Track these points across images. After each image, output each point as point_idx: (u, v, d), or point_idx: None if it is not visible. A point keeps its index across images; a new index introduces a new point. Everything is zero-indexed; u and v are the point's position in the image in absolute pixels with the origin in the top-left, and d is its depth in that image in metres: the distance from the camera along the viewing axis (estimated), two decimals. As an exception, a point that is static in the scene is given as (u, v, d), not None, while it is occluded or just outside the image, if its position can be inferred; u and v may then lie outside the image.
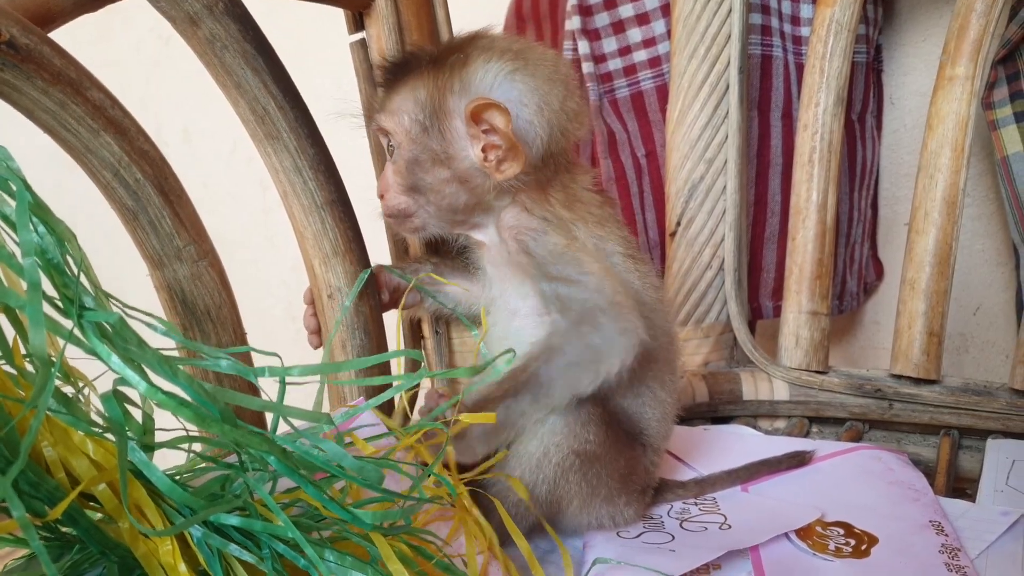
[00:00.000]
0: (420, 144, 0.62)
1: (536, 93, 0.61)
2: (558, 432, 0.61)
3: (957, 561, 0.61)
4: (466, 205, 0.64)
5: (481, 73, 0.61)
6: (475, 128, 0.61)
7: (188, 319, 0.52)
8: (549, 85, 0.62)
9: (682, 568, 0.59)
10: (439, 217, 0.64)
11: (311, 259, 0.62)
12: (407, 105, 0.62)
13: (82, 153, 0.48)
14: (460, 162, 0.62)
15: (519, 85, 0.61)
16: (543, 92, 0.62)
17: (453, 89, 0.61)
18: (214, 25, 0.54)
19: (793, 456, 0.77)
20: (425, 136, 0.62)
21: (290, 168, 0.59)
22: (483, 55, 0.62)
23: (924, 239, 0.88)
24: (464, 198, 0.63)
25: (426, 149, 0.62)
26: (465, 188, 0.62)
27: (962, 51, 0.88)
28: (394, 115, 0.63)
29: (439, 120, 0.61)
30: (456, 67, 0.61)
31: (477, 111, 0.60)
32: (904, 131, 1.16)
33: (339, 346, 0.63)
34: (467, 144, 0.62)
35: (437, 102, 0.61)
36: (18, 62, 0.44)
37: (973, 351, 1.16)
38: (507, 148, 0.60)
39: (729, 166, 0.95)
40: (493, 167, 0.61)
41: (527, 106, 0.61)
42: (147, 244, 0.51)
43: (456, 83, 0.61)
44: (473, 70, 0.61)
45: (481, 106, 0.60)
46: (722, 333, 0.97)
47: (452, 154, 0.62)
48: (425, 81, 0.62)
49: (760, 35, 1.03)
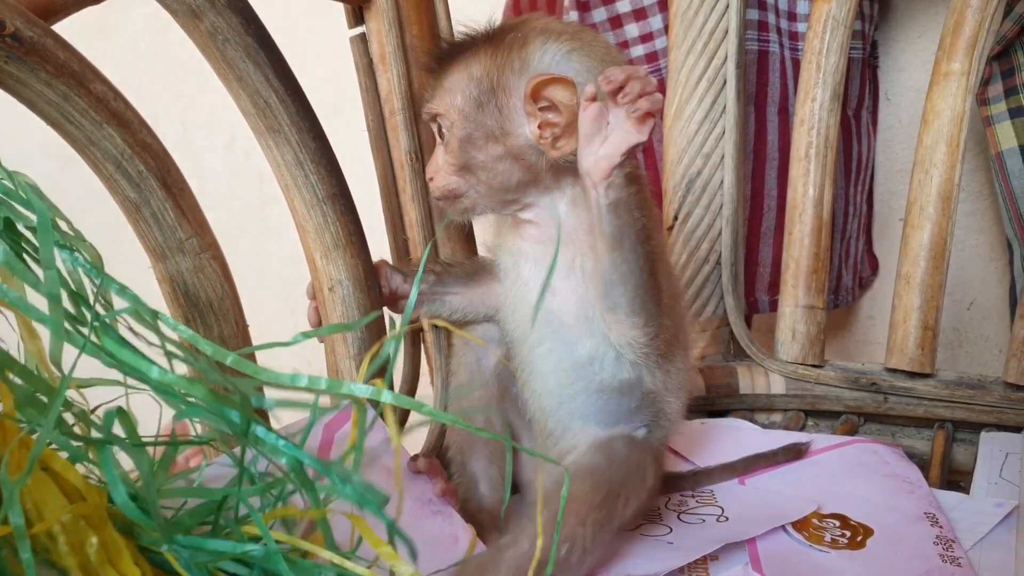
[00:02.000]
0: (474, 121, 0.63)
1: (592, 72, 0.62)
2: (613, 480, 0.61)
3: (952, 552, 0.62)
4: (519, 183, 0.64)
5: (540, 52, 0.62)
6: (532, 106, 0.61)
7: (191, 311, 0.53)
8: (601, 65, 0.63)
9: (681, 560, 0.60)
10: (489, 196, 0.65)
11: (312, 252, 0.62)
12: (460, 84, 0.63)
13: (85, 145, 0.49)
14: (515, 139, 0.63)
15: (575, 64, 0.62)
16: (597, 72, 0.62)
17: (512, 67, 0.62)
18: (216, 18, 0.54)
19: (789, 449, 0.77)
20: (480, 113, 0.63)
21: (292, 162, 0.59)
22: (541, 35, 0.63)
23: (919, 234, 0.89)
24: (517, 176, 0.63)
25: (480, 126, 0.63)
26: (519, 165, 0.63)
27: (957, 47, 0.88)
28: (447, 95, 0.64)
29: (496, 97, 0.62)
30: (515, 46, 0.62)
31: (539, 87, 0.61)
32: (899, 127, 1.17)
33: (340, 339, 0.64)
34: (523, 121, 0.62)
35: (495, 79, 0.62)
36: (22, 55, 0.45)
37: (967, 345, 1.17)
38: (566, 123, 0.61)
39: (726, 161, 0.95)
40: (549, 144, 0.62)
41: (583, 85, 0.61)
42: (149, 237, 0.52)
43: (516, 61, 0.62)
44: (532, 49, 0.62)
45: (544, 82, 0.60)
46: (719, 327, 0.97)
47: (508, 130, 0.63)
48: (481, 59, 0.63)
49: (757, 31, 1.04)
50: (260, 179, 1.55)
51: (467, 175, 0.64)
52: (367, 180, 0.74)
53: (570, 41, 0.63)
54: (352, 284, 0.63)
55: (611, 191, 0.58)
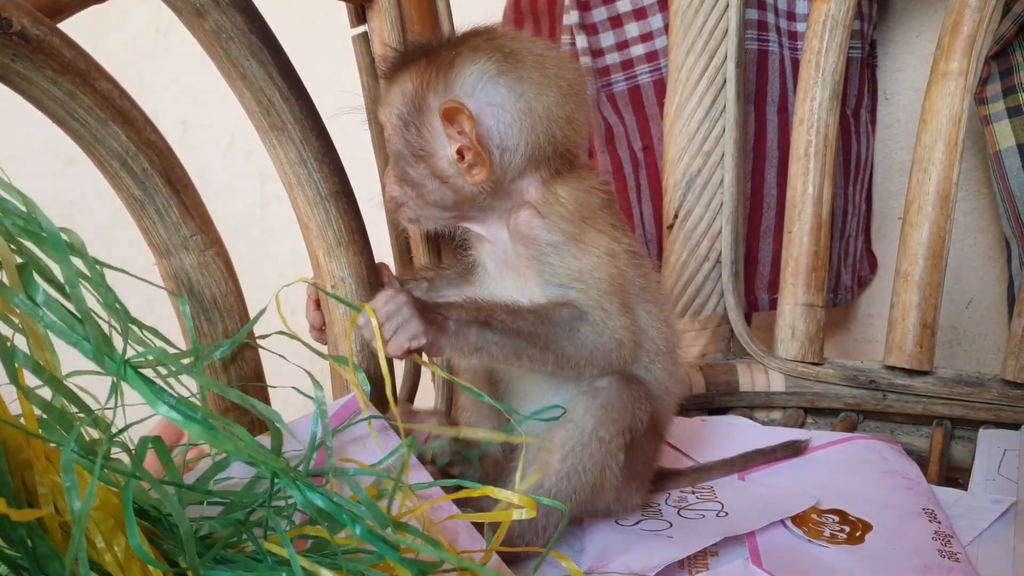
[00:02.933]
0: (403, 139, 0.62)
1: (521, 98, 0.60)
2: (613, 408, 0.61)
3: (950, 547, 0.62)
4: (454, 203, 0.63)
5: (466, 73, 0.60)
6: (451, 129, 0.60)
7: (195, 308, 0.53)
8: (537, 90, 0.60)
9: (680, 554, 0.60)
10: (427, 211, 0.64)
11: (315, 250, 0.63)
12: (395, 99, 0.62)
13: (90, 143, 0.49)
14: (438, 160, 0.61)
15: (502, 90, 0.60)
16: (528, 97, 0.60)
17: (436, 87, 0.60)
18: (220, 17, 0.54)
19: (788, 445, 0.78)
20: (406, 131, 0.61)
21: (295, 159, 0.59)
22: (472, 54, 0.60)
23: (918, 232, 0.89)
24: (449, 196, 0.62)
25: (408, 144, 0.62)
26: (447, 187, 0.61)
27: (956, 46, 0.89)
28: (385, 107, 0.63)
29: (419, 116, 0.61)
30: (443, 65, 0.60)
31: (448, 113, 0.59)
32: (898, 126, 1.17)
33: (342, 336, 0.64)
34: (445, 143, 0.61)
35: (420, 98, 0.60)
36: (29, 52, 0.45)
37: (965, 344, 1.17)
38: (476, 152, 0.59)
39: (726, 159, 0.96)
40: (466, 169, 0.60)
41: (507, 111, 0.59)
42: (154, 233, 0.52)
43: (440, 82, 0.60)
44: (458, 70, 0.60)
45: (451, 109, 0.59)
46: (719, 325, 0.98)
47: (430, 152, 0.61)
48: (413, 76, 0.61)
49: (756, 30, 1.04)
50: (261, 179, 1.55)
51: (406, 187, 0.64)
52: (368, 179, 0.75)
53: (501, 63, 0.60)
54: (355, 282, 0.63)
55: (462, 351, 0.57)
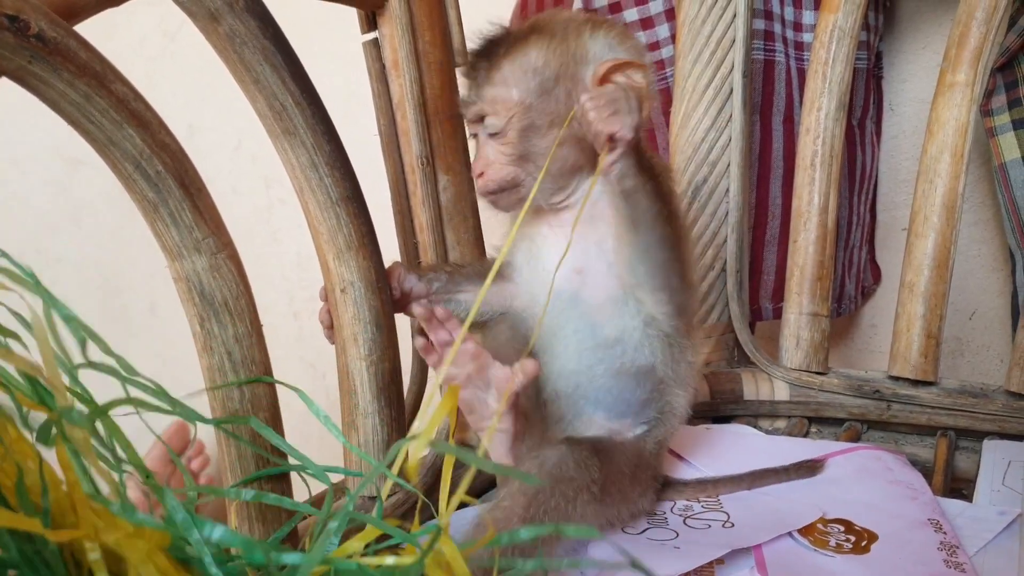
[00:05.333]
0: (538, 110, 0.65)
1: (640, 54, 0.67)
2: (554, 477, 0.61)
3: (955, 558, 0.62)
4: (572, 167, 0.67)
5: (592, 39, 0.66)
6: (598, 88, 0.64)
7: (206, 310, 0.53)
8: (638, 47, 0.68)
9: (687, 566, 0.60)
10: (546, 183, 0.65)
11: (325, 254, 0.63)
12: (516, 77, 0.65)
13: (105, 145, 0.49)
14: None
15: (627, 47, 0.66)
16: (640, 52, 0.67)
17: (575, 54, 0.65)
18: (234, 21, 0.54)
19: (802, 466, 0.77)
20: (544, 100, 0.65)
21: (306, 164, 0.60)
22: (587, 24, 0.66)
23: (923, 243, 0.90)
24: (573, 159, 0.66)
25: (543, 113, 0.65)
26: (578, 147, 0.65)
27: (963, 58, 0.89)
28: (499, 89, 0.66)
29: (562, 83, 0.65)
30: (570, 35, 0.66)
31: (611, 71, 0.64)
32: (903, 137, 1.18)
33: (351, 340, 0.64)
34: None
35: (559, 66, 0.65)
36: (46, 55, 0.45)
37: (968, 355, 1.17)
38: (639, 100, 0.63)
39: (732, 169, 0.96)
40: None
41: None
42: (166, 236, 0.52)
43: (576, 48, 0.65)
44: (586, 37, 0.66)
45: (616, 65, 0.64)
46: (723, 333, 0.98)
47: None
48: (537, 51, 0.65)
49: (763, 40, 1.05)
50: (266, 182, 1.55)
51: (525, 163, 0.66)
52: (378, 184, 0.75)
53: (611, 27, 0.67)
54: (364, 286, 0.64)
55: (624, 180, 0.61)
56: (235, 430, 0.54)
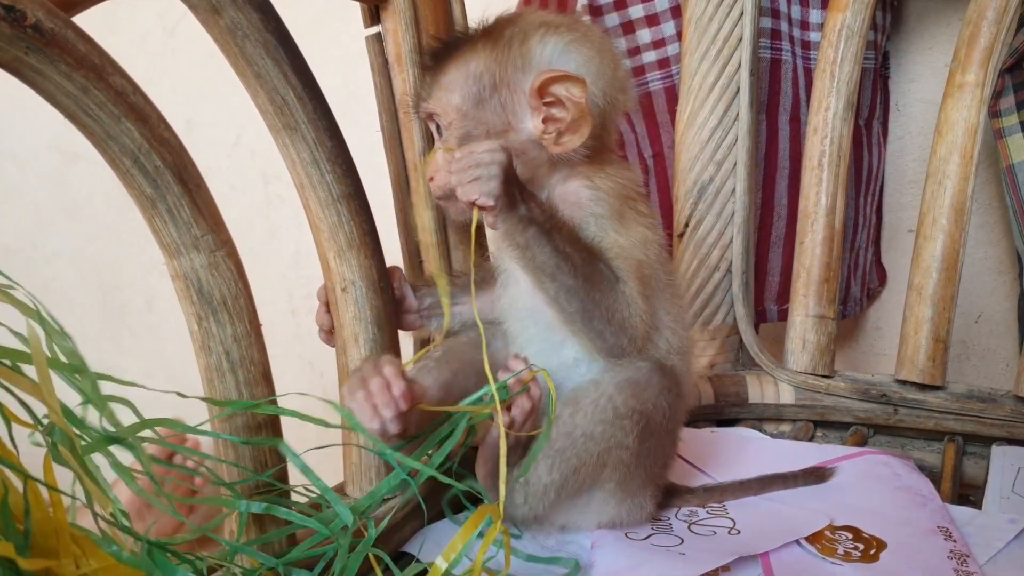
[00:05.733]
0: (474, 119, 0.63)
1: (591, 63, 0.62)
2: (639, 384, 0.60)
3: (966, 567, 0.61)
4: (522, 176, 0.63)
5: (540, 47, 0.62)
6: (537, 101, 0.61)
7: (204, 308, 0.52)
8: (601, 55, 0.63)
9: (693, 571, 0.59)
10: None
11: (326, 252, 0.62)
12: (458, 82, 0.63)
13: (102, 139, 0.48)
14: (517, 134, 0.63)
15: (575, 56, 0.62)
16: (596, 62, 0.63)
17: (515, 63, 0.62)
18: (236, 14, 0.53)
19: (810, 472, 0.75)
20: (480, 110, 0.62)
21: (307, 160, 0.58)
22: (539, 29, 0.63)
23: (932, 245, 0.88)
24: (521, 169, 0.62)
25: (481, 123, 0.63)
26: (519, 161, 0.61)
27: (972, 59, 0.88)
28: (444, 93, 0.63)
29: (498, 93, 0.62)
30: (515, 41, 0.62)
31: (547, 83, 0.60)
32: (909, 138, 1.16)
33: (352, 340, 0.63)
34: (526, 116, 0.62)
35: (497, 75, 0.62)
36: (43, 46, 0.44)
37: (974, 359, 1.16)
38: (574, 119, 0.61)
39: (738, 168, 0.95)
40: (552, 140, 0.62)
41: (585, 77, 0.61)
42: (164, 233, 0.51)
43: (518, 57, 0.62)
44: (532, 44, 0.62)
45: (552, 78, 0.60)
46: (728, 335, 0.97)
47: (510, 126, 0.63)
48: (480, 56, 0.62)
49: (769, 39, 1.04)
50: (264, 179, 1.54)
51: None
52: (379, 182, 0.74)
53: (568, 33, 0.63)
54: (365, 285, 0.62)
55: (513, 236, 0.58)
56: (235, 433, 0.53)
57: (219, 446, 0.53)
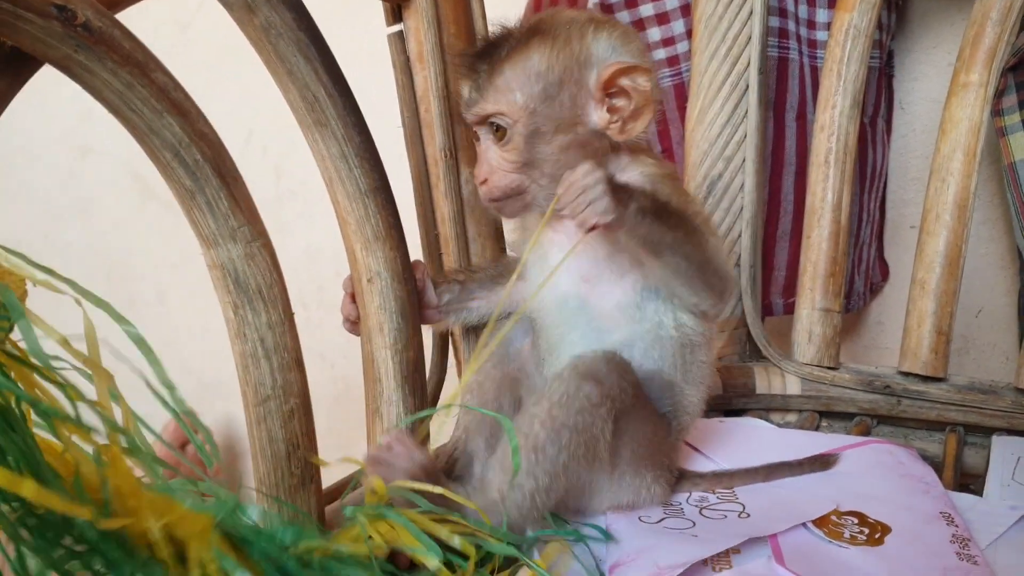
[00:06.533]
0: (542, 115, 0.64)
1: (645, 54, 0.66)
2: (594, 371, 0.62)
3: (968, 551, 0.63)
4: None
5: (596, 41, 0.65)
6: (601, 93, 0.64)
7: (240, 297, 0.54)
8: (641, 46, 0.67)
9: (706, 552, 0.61)
10: (551, 189, 0.65)
11: (353, 244, 0.64)
12: (519, 81, 0.64)
13: (145, 133, 0.50)
14: (584, 127, 0.65)
15: (631, 48, 0.66)
16: (641, 54, 0.66)
17: (578, 58, 0.64)
18: (270, 13, 0.55)
19: (816, 459, 0.77)
20: (548, 106, 0.64)
21: (336, 155, 0.60)
22: (589, 24, 0.65)
23: (935, 240, 0.91)
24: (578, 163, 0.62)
25: (548, 119, 0.64)
26: (583, 153, 0.64)
27: (976, 58, 0.90)
28: (503, 94, 0.65)
29: (566, 88, 0.64)
30: (573, 37, 0.65)
31: (616, 75, 0.64)
32: (913, 136, 1.18)
33: (377, 329, 0.65)
34: (591, 108, 0.65)
35: (562, 71, 0.64)
36: (91, 44, 0.46)
37: (974, 353, 1.18)
38: (637, 107, 0.64)
39: (747, 164, 0.97)
40: (618, 128, 0.65)
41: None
42: (202, 224, 0.53)
43: (580, 52, 0.64)
44: (589, 39, 0.65)
45: (621, 69, 0.64)
46: (736, 328, 0.99)
47: (579, 119, 0.65)
48: (540, 54, 0.64)
49: (777, 38, 1.06)
50: (277, 174, 1.56)
51: (530, 170, 0.65)
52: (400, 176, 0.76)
53: (613, 27, 0.66)
54: (390, 276, 0.64)
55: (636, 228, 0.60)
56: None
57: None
